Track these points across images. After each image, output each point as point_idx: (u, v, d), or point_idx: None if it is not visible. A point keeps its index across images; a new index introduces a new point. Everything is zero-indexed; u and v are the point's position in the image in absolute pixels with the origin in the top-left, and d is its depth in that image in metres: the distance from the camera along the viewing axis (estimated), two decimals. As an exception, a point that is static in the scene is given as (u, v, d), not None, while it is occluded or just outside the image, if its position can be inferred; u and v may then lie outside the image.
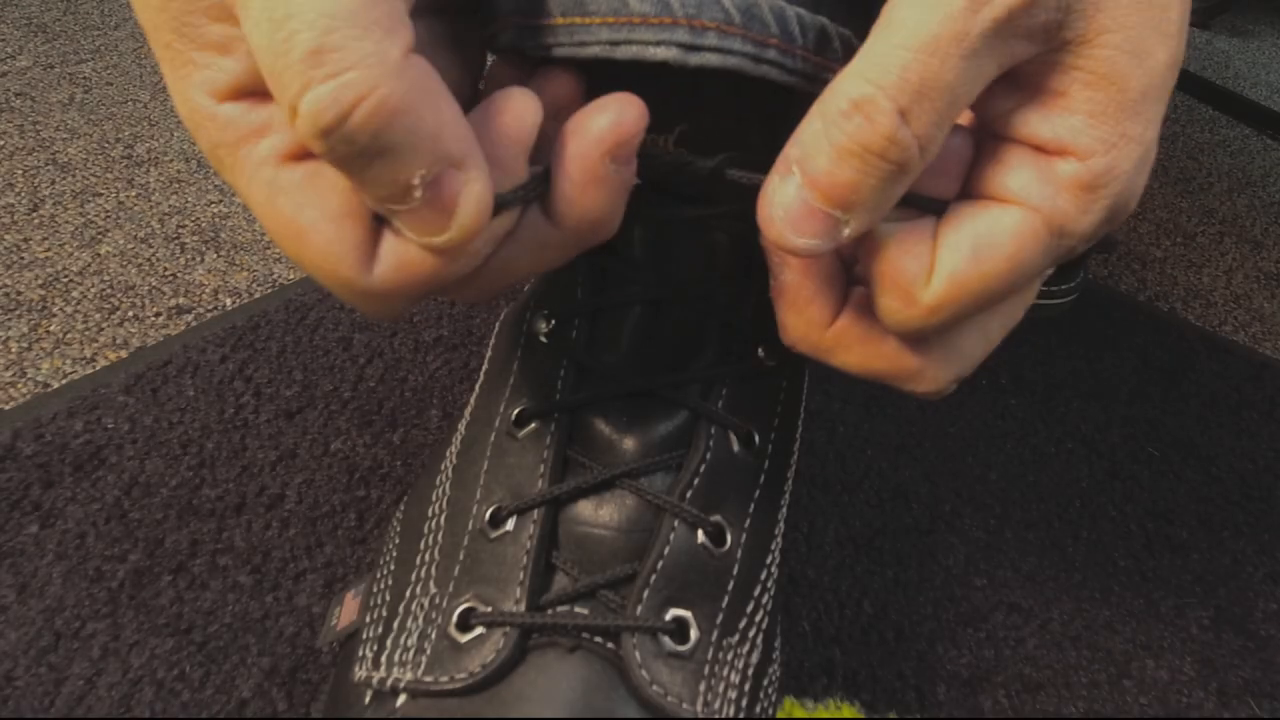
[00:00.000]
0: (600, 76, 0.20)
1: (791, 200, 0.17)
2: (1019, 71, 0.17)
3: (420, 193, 0.15)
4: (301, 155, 0.17)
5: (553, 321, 0.29)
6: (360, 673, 0.25)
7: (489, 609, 0.24)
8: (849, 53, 0.22)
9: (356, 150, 0.14)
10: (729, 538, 0.26)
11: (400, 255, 0.17)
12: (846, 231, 0.17)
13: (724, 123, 0.26)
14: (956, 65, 0.15)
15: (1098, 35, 0.16)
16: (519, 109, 0.18)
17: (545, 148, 0.19)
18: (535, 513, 0.25)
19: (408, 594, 0.26)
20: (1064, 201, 0.17)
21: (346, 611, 0.29)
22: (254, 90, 0.16)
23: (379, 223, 0.17)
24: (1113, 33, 0.16)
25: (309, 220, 0.16)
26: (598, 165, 0.18)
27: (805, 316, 0.20)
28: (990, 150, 0.18)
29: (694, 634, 0.24)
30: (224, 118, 0.16)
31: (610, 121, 0.18)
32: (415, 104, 0.15)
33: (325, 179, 0.17)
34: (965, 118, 0.19)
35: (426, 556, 0.27)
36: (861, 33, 0.23)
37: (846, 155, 0.16)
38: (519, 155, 0.18)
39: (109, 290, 0.50)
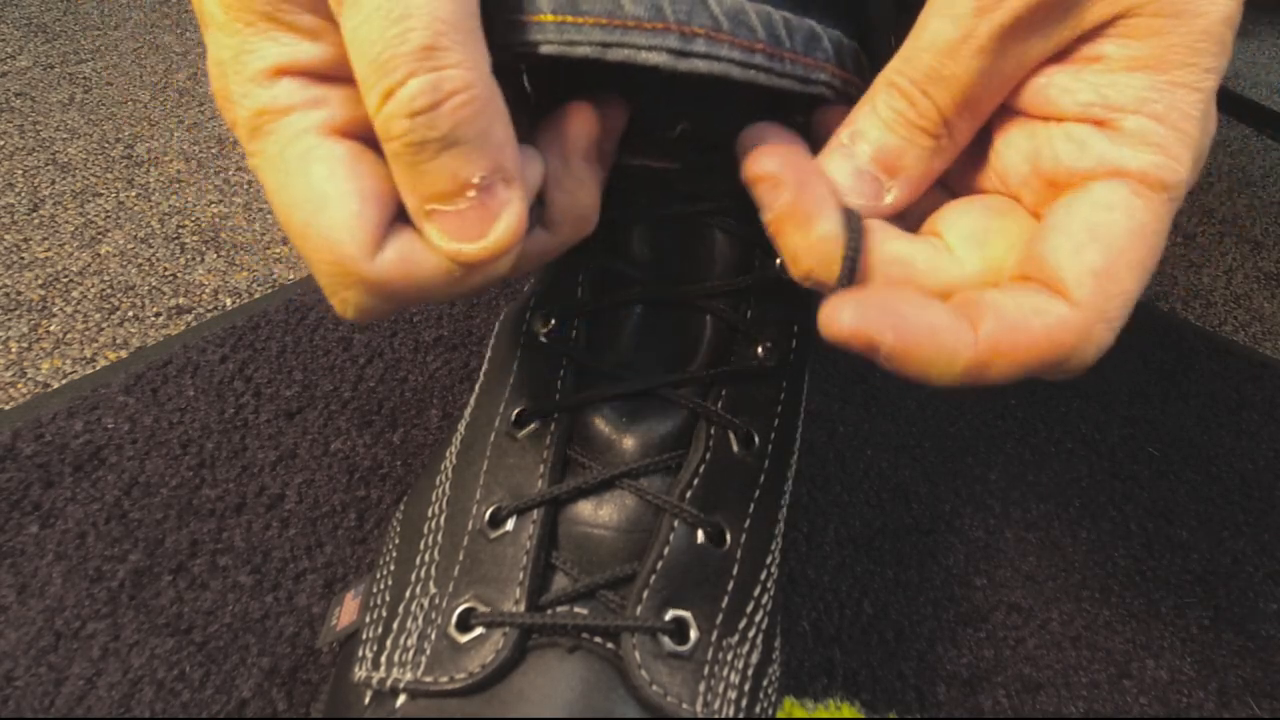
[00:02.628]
0: (603, 75, 0.20)
1: (844, 167, 0.20)
2: (1064, 56, 0.18)
3: (473, 193, 0.17)
4: (349, 133, 0.18)
5: (553, 322, 0.29)
6: (360, 673, 0.25)
7: (489, 609, 0.24)
8: (841, 53, 0.22)
9: (435, 136, 0.16)
10: (729, 538, 0.26)
11: (407, 250, 0.18)
12: (889, 199, 0.20)
13: (724, 121, 0.26)
14: (969, 62, 0.18)
15: (1131, 8, 0.17)
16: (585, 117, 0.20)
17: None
18: (535, 513, 0.25)
19: (407, 594, 0.26)
20: (1148, 155, 0.17)
21: (346, 612, 0.29)
22: (318, 72, 0.18)
23: (395, 221, 0.18)
24: (1147, 3, 0.17)
25: (337, 190, 0.17)
26: (581, 168, 0.20)
27: (814, 232, 0.19)
28: (1048, 136, 0.19)
29: (694, 634, 0.24)
30: (281, 88, 0.18)
31: (584, 126, 0.20)
32: (494, 112, 0.17)
33: (365, 161, 0.18)
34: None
35: (426, 557, 0.27)
36: (852, 33, 0.23)
37: (892, 125, 0.19)
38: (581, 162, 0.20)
39: (109, 290, 0.50)
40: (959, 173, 0.21)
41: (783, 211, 0.19)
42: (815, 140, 0.22)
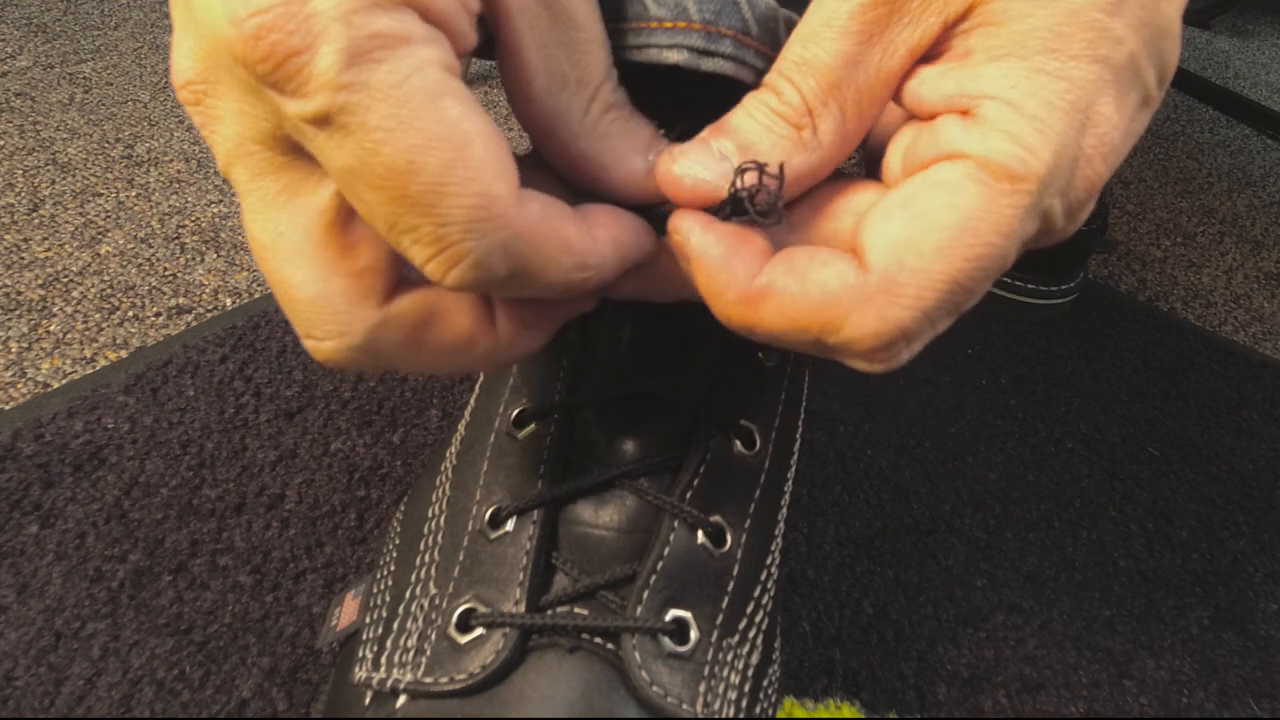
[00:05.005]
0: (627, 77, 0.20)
1: (703, 159, 0.18)
2: (936, 54, 0.17)
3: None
4: (459, 76, 0.16)
5: (553, 322, 0.29)
6: (360, 673, 0.25)
7: (489, 610, 0.24)
8: None
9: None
10: (729, 538, 0.26)
11: (549, 206, 0.17)
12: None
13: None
14: (830, 45, 0.17)
15: None
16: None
17: None
18: (535, 513, 0.25)
19: (408, 594, 0.26)
20: (997, 140, 0.16)
21: (346, 612, 0.29)
22: (430, 12, 0.16)
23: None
24: None
25: (478, 127, 0.15)
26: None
27: (729, 274, 0.18)
28: (921, 131, 0.18)
29: (694, 634, 0.24)
30: (402, 15, 0.15)
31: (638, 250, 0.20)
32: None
33: (479, 107, 0.16)
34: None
35: (426, 557, 0.27)
36: None
37: (754, 113, 0.18)
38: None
39: (109, 290, 0.50)
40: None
41: (695, 252, 0.18)
42: None
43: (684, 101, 0.22)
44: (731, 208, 0.18)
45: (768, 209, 0.18)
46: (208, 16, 0.15)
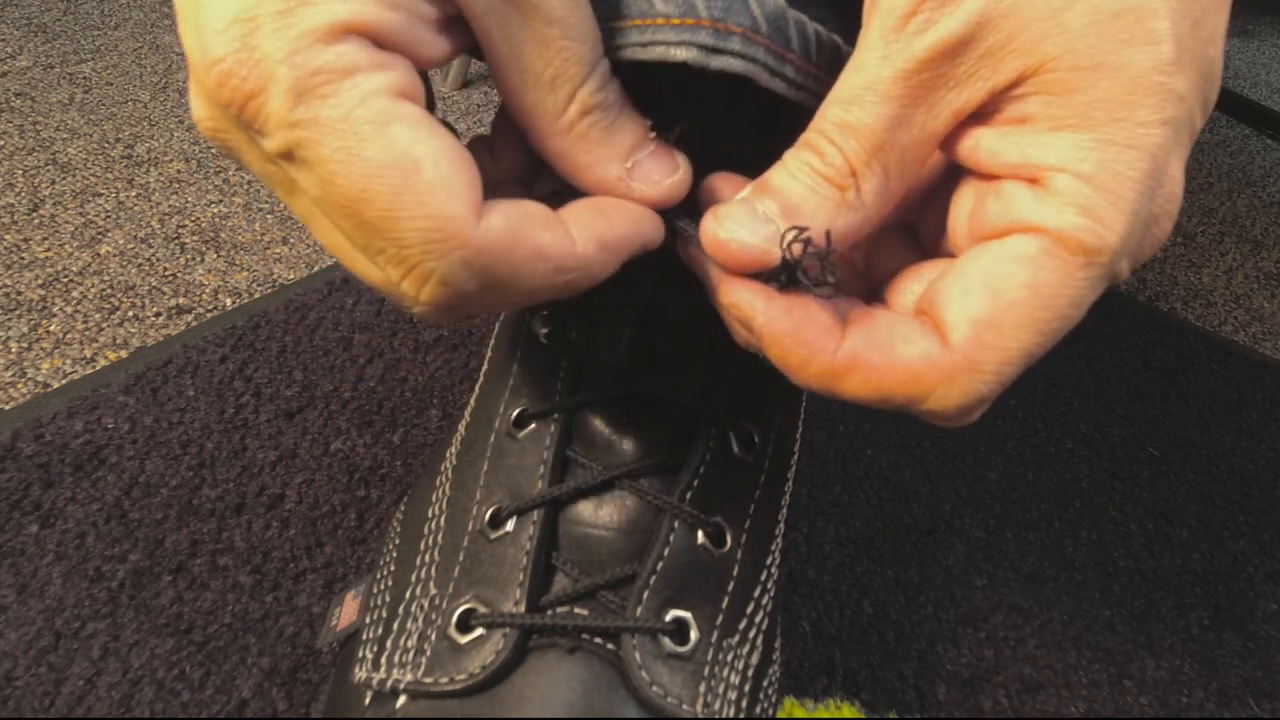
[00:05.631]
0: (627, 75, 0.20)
1: (745, 220, 0.18)
2: (987, 113, 0.17)
3: (652, 138, 0.20)
4: (414, 97, 0.16)
5: (552, 322, 0.29)
6: (360, 673, 0.25)
7: (489, 610, 0.24)
8: None
9: (614, 99, 0.19)
10: (729, 538, 0.26)
11: (515, 219, 0.17)
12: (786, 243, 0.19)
13: (721, 124, 0.26)
14: (875, 109, 0.17)
15: (1044, 63, 0.16)
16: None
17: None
18: (535, 513, 0.25)
19: (408, 595, 0.26)
20: (1070, 215, 0.16)
21: (346, 612, 0.29)
22: (381, 36, 0.16)
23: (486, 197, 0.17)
24: (1061, 56, 0.16)
25: (428, 150, 0.16)
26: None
27: (807, 349, 0.18)
28: (985, 194, 0.18)
29: (694, 635, 0.24)
30: (345, 47, 0.16)
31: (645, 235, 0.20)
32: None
33: (438, 127, 0.16)
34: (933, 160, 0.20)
35: (426, 557, 0.27)
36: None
37: (797, 174, 0.18)
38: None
39: (109, 290, 0.50)
40: (931, 240, 0.21)
41: (777, 332, 0.19)
42: None
43: (685, 99, 0.22)
44: (786, 277, 0.18)
45: (821, 279, 0.18)
46: (193, 64, 0.16)
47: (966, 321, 0.17)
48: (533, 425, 0.27)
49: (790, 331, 0.18)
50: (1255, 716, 0.38)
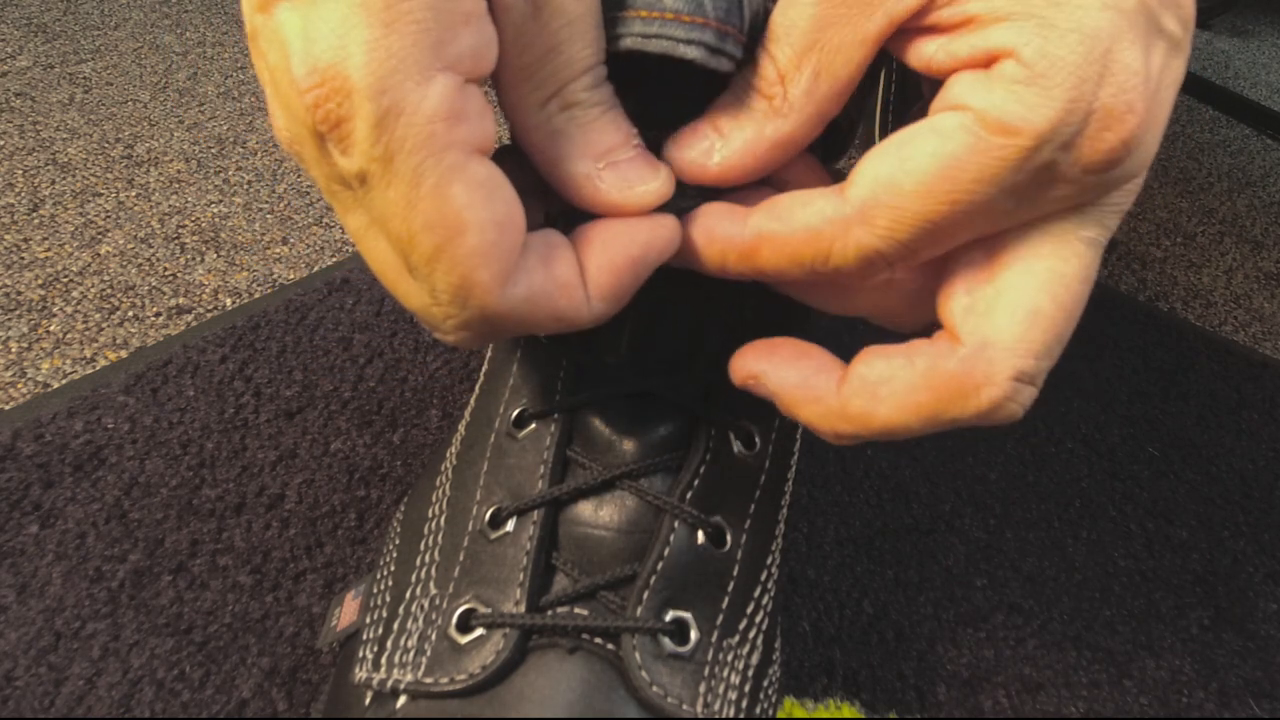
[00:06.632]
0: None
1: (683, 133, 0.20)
2: (933, 24, 0.18)
3: (636, 143, 0.20)
4: (487, 152, 0.17)
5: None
6: (360, 674, 0.25)
7: (489, 610, 0.24)
8: None
9: (603, 99, 0.19)
10: (729, 538, 0.26)
11: (538, 290, 0.18)
12: (716, 159, 0.20)
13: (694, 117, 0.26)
14: (805, 10, 0.18)
15: None
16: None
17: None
18: (535, 513, 0.25)
19: (408, 595, 0.26)
20: (998, 96, 0.16)
21: (346, 612, 0.29)
22: (476, 74, 0.17)
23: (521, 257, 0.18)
24: None
25: (476, 218, 0.16)
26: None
27: (721, 238, 0.20)
28: (938, 90, 0.18)
29: (694, 635, 0.24)
30: (418, 91, 0.16)
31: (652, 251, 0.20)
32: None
33: (499, 183, 0.17)
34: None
35: (426, 557, 0.27)
36: None
37: (731, 87, 0.20)
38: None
39: (109, 290, 0.50)
40: None
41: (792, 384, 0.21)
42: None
43: (669, 93, 0.22)
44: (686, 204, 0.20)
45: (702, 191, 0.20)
46: (285, 87, 0.16)
47: (867, 179, 0.18)
48: (533, 425, 0.27)
49: (703, 233, 0.20)
50: (1255, 716, 0.38)
